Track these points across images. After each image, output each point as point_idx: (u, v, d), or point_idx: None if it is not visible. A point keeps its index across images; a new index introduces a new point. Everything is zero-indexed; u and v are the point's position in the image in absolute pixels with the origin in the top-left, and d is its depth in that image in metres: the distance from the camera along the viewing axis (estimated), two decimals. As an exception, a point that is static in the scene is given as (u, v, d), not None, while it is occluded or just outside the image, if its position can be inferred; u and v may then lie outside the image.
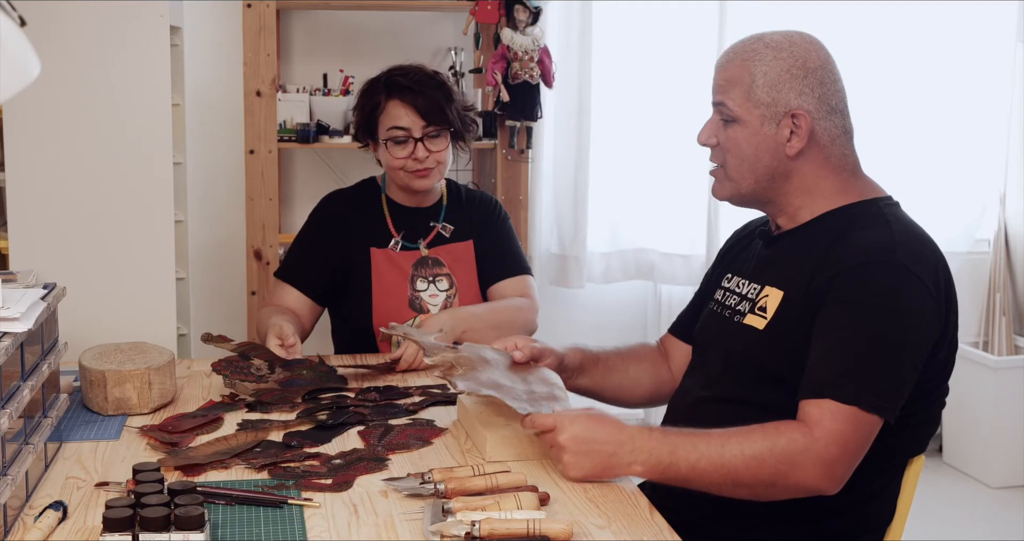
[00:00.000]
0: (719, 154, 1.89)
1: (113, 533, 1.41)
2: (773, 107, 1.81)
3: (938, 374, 1.80)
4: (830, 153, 1.84)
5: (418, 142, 2.49)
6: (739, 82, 1.83)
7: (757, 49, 1.83)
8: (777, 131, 1.81)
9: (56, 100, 2.40)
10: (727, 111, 1.84)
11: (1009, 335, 4.25)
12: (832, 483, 1.68)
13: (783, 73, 1.80)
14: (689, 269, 4.07)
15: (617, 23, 3.94)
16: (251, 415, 2.04)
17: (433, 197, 2.64)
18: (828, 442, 1.66)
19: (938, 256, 1.79)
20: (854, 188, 1.86)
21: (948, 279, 1.79)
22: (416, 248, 2.59)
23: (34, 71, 1.53)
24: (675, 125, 3.98)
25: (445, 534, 1.47)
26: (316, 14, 3.93)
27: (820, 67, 1.82)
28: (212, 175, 3.53)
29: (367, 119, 2.55)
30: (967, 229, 4.26)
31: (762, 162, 1.83)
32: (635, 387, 2.13)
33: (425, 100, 2.49)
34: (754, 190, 1.87)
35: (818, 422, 1.67)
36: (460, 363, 1.91)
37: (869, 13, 4.02)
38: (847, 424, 1.67)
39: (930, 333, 1.73)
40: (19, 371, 1.60)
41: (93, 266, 2.44)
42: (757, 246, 1.97)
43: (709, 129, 1.89)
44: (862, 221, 1.81)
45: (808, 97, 1.80)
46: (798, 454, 1.66)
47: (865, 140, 1.92)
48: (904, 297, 1.71)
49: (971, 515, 3.83)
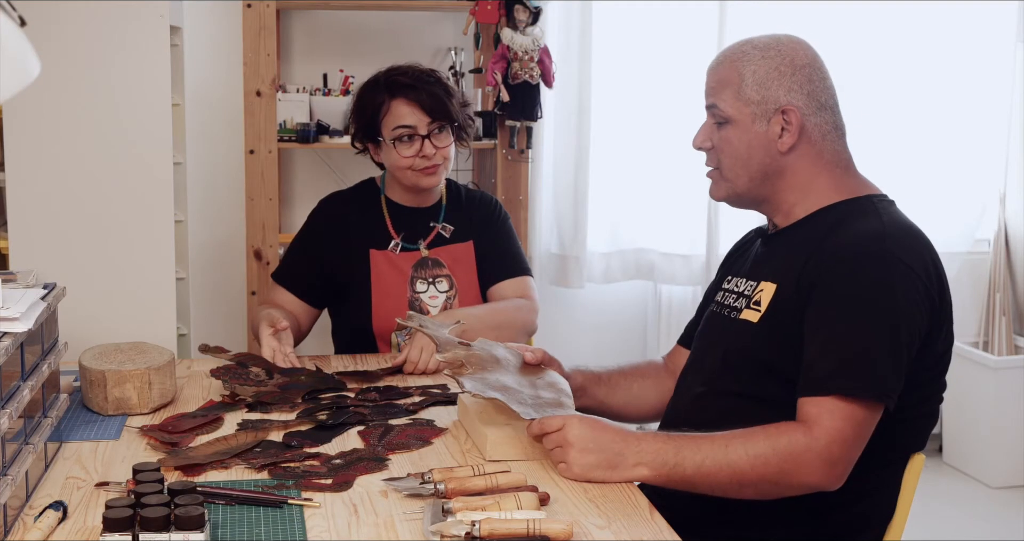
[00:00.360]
0: (714, 156, 1.92)
1: (113, 533, 1.41)
2: (763, 105, 1.84)
3: (934, 367, 1.81)
4: (822, 149, 1.86)
5: (425, 139, 2.49)
6: (729, 83, 1.86)
7: (745, 51, 1.87)
8: (768, 128, 1.84)
9: (56, 100, 2.40)
10: (719, 112, 1.87)
11: (1009, 335, 4.26)
12: (834, 480, 1.70)
13: (771, 71, 1.83)
14: (689, 269, 4.07)
15: (617, 23, 3.94)
16: (251, 415, 2.04)
17: (433, 197, 2.63)
18: (828, 440, 1.67)
19: (930, 249, 1.80)
20: (848, 185, 1.88)
21: (940, 272, 1.80)
22: (416, 249, 2.58)
23: (34, 71, 1.53)
24: (675, 125, 3.97)
25: (445, 534, 1.47)
26: (316, 14, 3.93)
27: (808, 65, 1.85)
28: (212, 175, 3.53)
29: (368, 121, 2.54)
30: (967, 229, 4.26)
31: (755, 160, 1.86)
32: (640, 403, 2.14)
33: (428, 96, 2.49)
34: (748, 188, 1.89)
35: (817, 421, 1.68)
36: (471, 361, 1.91)
37: (869, 13, 4.02)
38: (846, 420, 1.68)
39: (922, 321, 1.74)
40: (19, 371, 1.60)
41: (93, 266, 2.44)
42: (756, 247, 1.99)
43: (703, 133, 1.92)
44: (854, 215, 1.83)
45: (797, 94, 1.83)
46: (800, 453, 1.67)
47: (865, 140, 1.94)
48: (895, 286, 1.72)
49: (971, 515, 3.83)
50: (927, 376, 1.80)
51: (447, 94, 2.52)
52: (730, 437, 1.70)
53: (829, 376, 1.70)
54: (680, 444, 1.71)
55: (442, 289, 2.56)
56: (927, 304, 1.75)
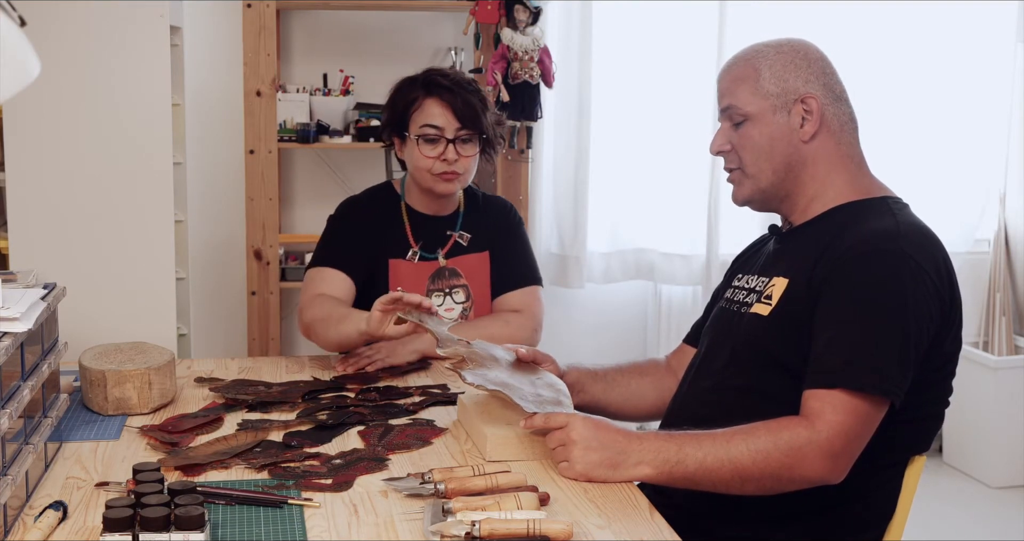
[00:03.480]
0: (734, 157, 1.92)
1: (113, 533, 1.41)
2: (783, 96, 1.86)
3: (942, 368, 1.81)
4: (840, 140, 1.88)
5: (449, 143, 2.46)
6: (745, 79, 1.88)
7: (758, 49, 1.90)
8: (789, 119, 1.86)
9: (56, 100, 2.40)
10: (737, 112, 1.88)
11: (1009, 335, 4.26)
12: (836, 473, 1.70)
13: (788, 64, 1.87)
14: (689, 269, 4.07)
15: (617, 23, 3.94)
16: (251, 415, 2.04)
17: (452, 205, 2.58)
18: (831, 433, 1.67)
19: (942, 251, 1.81)
20: (863, 184, 1.90)
21: (951, 274, 1.81)
22: (434, 258, 2.54)
23: (34, 71, 1.53)
24: (675, 125, 3.98)
25: (445, 534, 1.47)
26: (316, 14, 3.93)
27: (820, 59, 1.89)
28: (212, 175, 3.53)
29: (399, 115, 2.49)
30: (967, 229, 4.26)
31: (778, 151, 1.87)
32: (638, 401, 2.14)
33: (463, 102, 2.45)
34: (773, 183, 1.89)
35: (820, 414, 1.68)
36: (471, 358, 1.91)
37: (869, 13, 4.02)
38: (849, 414, 1.68)
39: (932, 320, 1.75)
40: (19, 371, 1.60)
41: (93, 266, 2.44)
42: (768, 246, 2.00)
43: (721, 137, 1.93)
44: (869, 214, 1.84)
45: (815, 83, 1.86)
46: (802, 447, 1.67)
47: (866, 140, 1.94)
48: (906, 285, 1.72)
49: (971, 515, 3.83)
50: (935, 377, 1.80)
51: (483, 105, 2.49)
52: (732, 433, 1.70)
53: (835, 370, 1.70)
54: (682, 442, 1.71)
55: (459, 300, 2.53)
56: (937, 304, 1.75)
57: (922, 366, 1.75)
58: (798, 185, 1.89)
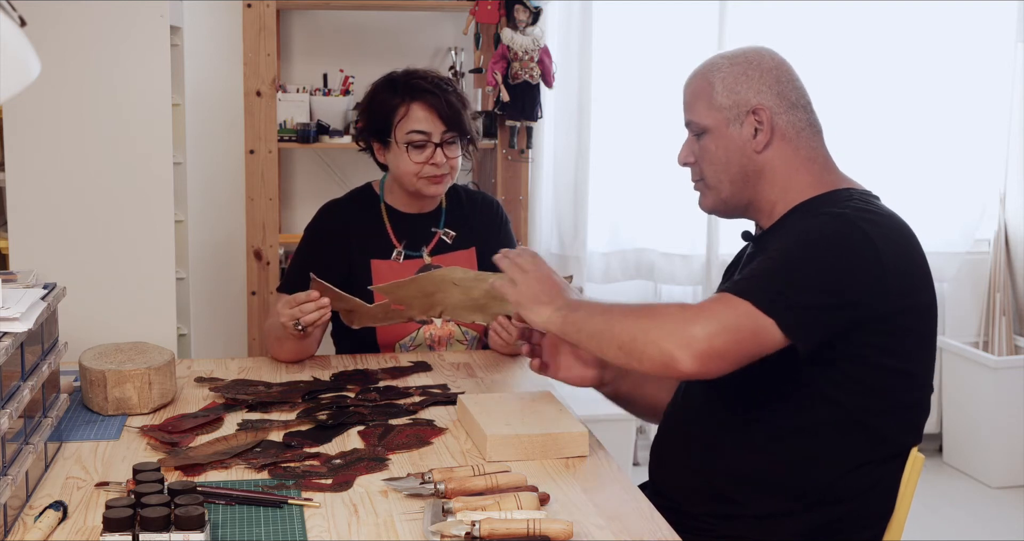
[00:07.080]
0: (697, 169, 1.96)
1: (113, 533, 1.41)
2: (735, 109, 1.88)
3: (913, 354, 1.80)
4: (798, 146, 1.89)
5: (437, 147, 2.46)
6: (701, 94, 1.91)
7: (714, 62, 1.93)
8: (742, 130, 1.88)
9: (56, 100, 2.40)
10: (696, 125, 1.92)
11: (1009, 335, 4.26)
12: (688, 353, 1.65)
13: (739, 76, 1.88)
14: (689, 269, 4.07)
15: (617, 23, 3.94)
16: (251, 415, 2.04)
17: (434, 203, 2.59)
18: (698, 312, 1.68)
19: (900, 232, 1.79)
20: (827, 180, 1.90)
21: (909, 254, 1.78)
22: (419, 256, 2.55)
23: (34, 71, 1.53)
24: (675, 125, 3.93)
25: (445, 534, 1.47)
26: (316, 14, 3.93)
27: (774, 68, 1.89)
28: (212, 175, 3.53)
29: (381, 121, 2.49)
30: (967, 229, 4.25)
31: (734, 162, 1.89)
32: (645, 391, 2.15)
33: (447, 105, 2.46)
34: (732, 193, 1.92)
35: (700, 304, 1.72)
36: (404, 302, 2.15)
37: (869, 13, 4.02)
38: (728, 308, 1.68)
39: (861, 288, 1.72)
40: (19, 371, 1.60)
41: (93, 266, 2.44)
42: (747, 250, 2.02)
43: (685, 149, 1.97)
44: (830, 202, 1.84)
45: (766, 94, 1.87)
46: (666, 316, 1.70)
47: (866, 140, 1.94)
48: (843, 242, 1.72)
49: (971, 515, 3.83)
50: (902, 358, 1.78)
51: (463, 105, 2.50)
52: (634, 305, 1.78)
53: (735, 282, 1.73)
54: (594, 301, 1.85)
55: None
56: (875, 270, 1.72)
57: (872, 343, 1.74)
58: (758, 193, 1.90)
